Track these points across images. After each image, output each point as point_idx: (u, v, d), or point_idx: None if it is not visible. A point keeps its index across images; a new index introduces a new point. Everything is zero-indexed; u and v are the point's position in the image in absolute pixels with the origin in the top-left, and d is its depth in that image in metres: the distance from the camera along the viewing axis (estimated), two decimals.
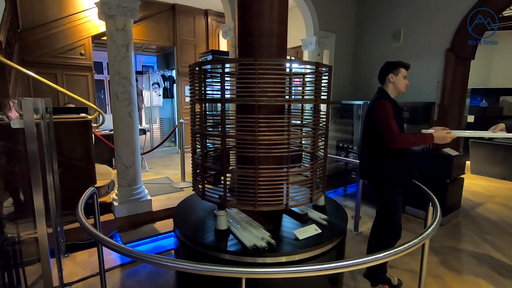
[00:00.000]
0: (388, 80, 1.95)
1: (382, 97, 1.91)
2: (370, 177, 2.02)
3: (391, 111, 1.84)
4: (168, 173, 4.82)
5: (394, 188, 1.94)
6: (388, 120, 1.80)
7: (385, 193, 1.96)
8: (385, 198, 1.96)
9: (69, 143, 2.71)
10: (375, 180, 1.99)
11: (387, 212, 1.97)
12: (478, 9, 3.35)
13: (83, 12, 4.73)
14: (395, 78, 1.93)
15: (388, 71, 1.95)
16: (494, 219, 3.35)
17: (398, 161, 1.90)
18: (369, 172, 2.01)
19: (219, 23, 6.37)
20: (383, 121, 1.82)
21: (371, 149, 1.98)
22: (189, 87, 1.75)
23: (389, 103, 1.86)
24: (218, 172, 1.82)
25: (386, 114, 1.81)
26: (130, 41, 2.69)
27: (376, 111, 1.87)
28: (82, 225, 1.27)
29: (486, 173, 5.16)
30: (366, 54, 4.62)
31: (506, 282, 2.17)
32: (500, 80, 6.68)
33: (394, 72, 1.92)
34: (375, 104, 1.89)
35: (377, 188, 1.99)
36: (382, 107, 1.84)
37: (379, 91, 2.00)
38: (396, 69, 1.92)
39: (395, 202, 1.94)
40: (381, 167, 1.93)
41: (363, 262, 1.10)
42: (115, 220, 2.77)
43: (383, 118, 1.82)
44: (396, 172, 1.91)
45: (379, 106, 1.85)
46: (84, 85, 5.00)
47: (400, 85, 1.94)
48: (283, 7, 1.73)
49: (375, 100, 1.92)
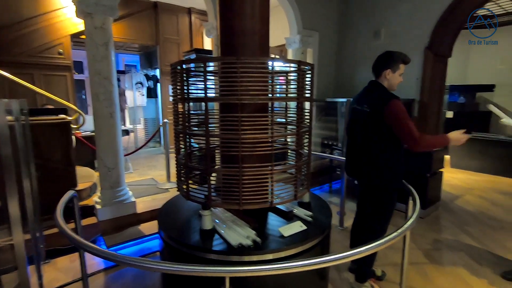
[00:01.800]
0: (383, 76, 1.80)
1: (393, 97, 1.73)
2: (368, 180, 1.89)
3: (407, 112, 1.69)
4: (153, 174, 4.74)
5: (392, 192, 1.86)
6: (408, 122, 1.65)
7: (382, 196, 1.86)
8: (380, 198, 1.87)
9: (47, 146, 2.61)
10: (373, 183, 1.87)
11: (379, 212, 1.90)
12: (453, 9, 3.46)
13: (61, 10, 4.57)
14: (392, 75, 1.79)
15: (386, 65, 1.78)
16: (472, 210, 3.49)
17: (398, 165, 1.81)
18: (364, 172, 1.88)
19: (202, 22, 6.31)
20: (402, 123, 1.66)
21: (373, 151, 1.81)
22: (171, 86, 1.72)
23: (401, 103, 1.70)
24: (202, 172, 1.81)
25: (405, 116, 1.66)
26: (110, 39, 2.62)
27: (392, 113, 1.68)
28: (61, 229, 1.23)
29: (465, 166, 5.36)
30: (349, 52, 4.70)
31: (483, 270, 2.26)
32: (476, 77, 6.95)
33: (392, 69, 1.77)
34: (390, 106, 1.68)
35: (373, 191, 1.89)
36: (398, 108, 1.67)
37: (378, 88, 1.82)
38: (396, 65, 1.77)
39: (391, 203, 1.89)
40: (382, 171, 1.81)
41: (346, 256, 1.12)
42: (98, 224, 2.70)
43: (402, 120, 1.65)
44: (395, 175, 1.83)
45: (394, 107, 1.67)
46: (64, 86, 4.84)
47: (394, 83, 1.81)
48: (264, 6, 1.73)
49: (386, 101, 1.70)
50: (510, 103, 6.52)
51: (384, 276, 2.14)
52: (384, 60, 1.80)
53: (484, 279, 2.15)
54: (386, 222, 1.94)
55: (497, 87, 6.53)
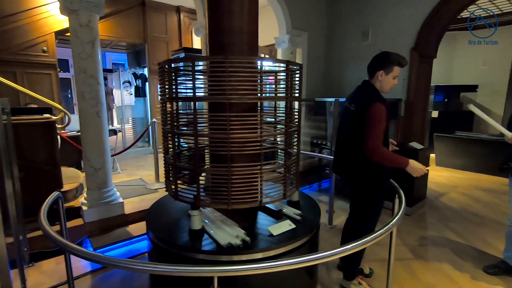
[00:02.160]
0: (376, 77, 1.76)
1: (379, 100, 1.68)
2: (355, 182, 1.88)
3: (385, 119, 1.67)
4: (141, 174, 4.67)
5: (378, 193, 1.86)
6: (377, 127, 1.64)
7: (368, 197, 1.86)
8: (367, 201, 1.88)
9: (31, 146, 2.54)
10: (358, 183, 1.87)
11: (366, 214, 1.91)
12: (437, 12, 3.55)
13: (45, 6, 4.44)
14: (385, 77, 1.74)
15: (380, 66, 1.73)
16: (456, 207, 3.59)
17: (382, 166, 1.77)
18: (354, 176, 1.87)
19: (191, 20, 6.25)
20: (371, 126, 1.65)
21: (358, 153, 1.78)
22: (159, 85, 1.71)
23: (384, 108, 1.66)
24: (191, 172, 1.80)
25: (378, 120, 1.64)
26: (96, 37, 2.57)
27: (369, 115, 1.66)
28: (45, 232, 1.20)
29: (449, 164, 5.51)
30: (338, 52, 4.75)
31: (467, 265, 2.34)
32: (460, 78, 7.14)
33: (385, 71, 1.73)
34: (371, 107, 1.66)
35: (359, 191, 1.89)
36: (376, 112, 1.65)
37: (368, 89, 1.80)
38: (390, 67, 1.72)
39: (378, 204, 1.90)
40: (365, 172, 1.80)
41: (333, 253, 1.14)
42: (84, 225, 2.65)
43: (373, 123, 1.65)
44: (379, 177, 1.81)
45: (374, 109, 1.65)
46: (48, 84, 4.70)
47: (387, 85, 1.77)
48: (253, 5, 1.73)
49: (370, 102, 1.68)
50: (492, 103, 6.74)
51: (372, 273, 2.18)
52: (379, 60, 1.75)
53: (467, 274, 2.22)
54: (374, 222, 1.94)
55: (480, 88, 6.74)
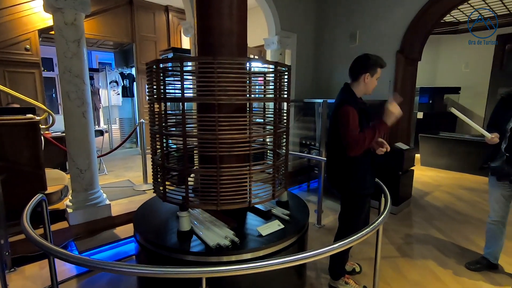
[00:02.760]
0: (361, 79, 1.76)
1: (347, 102, 1.71)
2: (338, 187, 1.90)
3: (354, 115, 1.68)
4: (129, 175, 4.60)
5: (363, 198, 1.86)
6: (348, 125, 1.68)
7: (351, 199, 1.88)
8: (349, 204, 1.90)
9: (13, 147, 2.46)
10: (343, 190, 1.89)
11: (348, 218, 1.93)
12: (421, 16, 3.65)
13: (28, 3, 4.32)
14: (370, 79, 1.76)
15: (365, 69, 1.74)
16: (440, 206, 3.70)
17: (363, 171, 1.81)
18: (336, 182, 1.90)
19: (180, 20, 6.20)
20: (344, 127, 1.69)
21: (337, 157, 1.85)
22: (147, 85, 1.69)
23: (354, 110, 1.69)
24: (180, 173, 1.78)
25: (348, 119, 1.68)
26: (82, 36, 2.52)
27: (340, 118, 1.71)
28: (28, 235, 1.17)
29: (434, 164, 5.66)
30: (326, 54, 4.81)
31: (451, 262, 2.41)
32: (444, 80, 7.36)
33: (371, 73, 1.75)
34: (340, 111, 1.71)
35: (345, 197, 1.91)
36: (344, 114, 1.69)
37: (344, 92, 1.82)
38: (374, 69, 1.74)
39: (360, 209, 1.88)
40: (347, 177, 1.82)
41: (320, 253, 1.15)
42: (69, 228, 2.59)
43: (343, 123, 1.69)
44: (363, 181, 1.82)
45: (341, 113, 1.70)
46: (31, 83, 4.57)
47: (370, 87, 1.80)
48: (242, 6, 1.74)
49: (340, 105, 1.73)
50: (473, 104, 6.97)
51: (361, 270, 2.25)
52: (362, 63, 1.75)
53: (450, 270, 2.29)
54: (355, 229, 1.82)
55: (462, 90, 6.96)
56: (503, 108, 2.11)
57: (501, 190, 2.13)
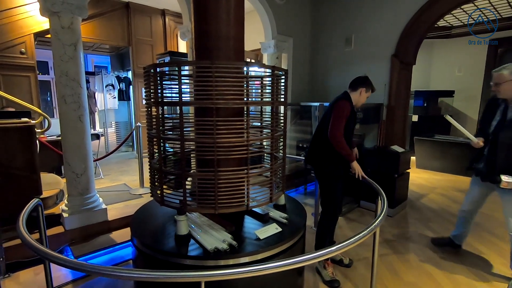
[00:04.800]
0: (359, 91, 2.20)
1: (346, 99, 2.17)
2: (315, 165, 2.29)
3: (347, 113, 2.11)
4: (125, 179, 4.57)
5: (334, 178, 2.21)
6: (339, 120, 2.09)
7: (326, 180, 2.25)
8: (326, 185, 2.26)
9: (9, 151, 2.44)
10: (319, 169, 2.27)
11: (327, 197, 2.27)
12: (414, 21, 3.71)
13: (23, 6, 4.30)
14: (364, 94, 2.22)
15: (363, 84, 2.21)
16: (436, 208, 3.73)
17: (339, 157, 2.15)
18: (315, 161, 2.29)
19: (177, 24, 6.22)
20: (336, 118, 2.09)
21: (323, 142, 2.20)
22: (145, 89, 1.69)
23: (350, 106, 2.13)
24: (177, 176, 1.78)
25: (342, 114, 2.10)
26: (79, 40, 2.51)
27: (336, 107, 2.12)
28: (24, 240, 1.16)
29: (429, 167, 5.71)
30: (322, 58, 4.85)
31: (445, 263, 2.43)
32: (438, 83, 7.45)
33: (366, 89, 2.21)
34: (339, 101, 2.14)
35: (319, 175, 2.29)
36: (341, 107, 2.11)
37: (345, 95, 2.23)
38: (368, 87, 2.22)
39: (334, 188, 2.22)
40: (326, 159, 2.20)
41: (318, 255, 1.16)
42: (65, 233, 2.56)
43: (337, 115, 2.10)
44: (336, 165, 2.19)
45: (340, 104, 2.12)
46: (27, 87, 4.54)
47: (361, 100, 2.24)
48: (239, 10, 1.75)
49: (340, 98, 2.18)
50: (467, 108, 7.06)
51: (351, 264, 2.39)
52: (362, 80, 2.23)
53: (446, 271, 2.31)
54: (333, 207, 2.25)
55: (456, 93, 7.05)
56: (487, 113, 2.28)
57: (480, 189, 2.35)
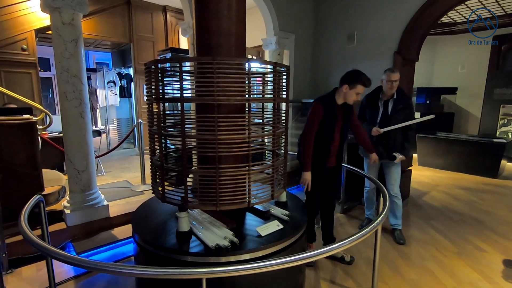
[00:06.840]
0: (342, 89, 2.07)
1: (319, 100, 2.11)
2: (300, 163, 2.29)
3: (319, 116, 2.06)
4: (127, 176, 4.58)
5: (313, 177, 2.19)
6: (309, 122, 2.09)
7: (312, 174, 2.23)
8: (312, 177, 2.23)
9: (11, 148, 2.45)
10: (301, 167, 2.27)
11: (306, 194, 2.30)
12: (417, 18, 3.67)
13: (24, 2, 4.29)
14: (348, 91, 2.06)
15: (346, 81, 2.05)
16: (438, 205, 3.72)
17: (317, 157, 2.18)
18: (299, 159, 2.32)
19: (178, 20, 6.19)
20: (306, 121, 2.11)
21: None
22: (146, 86, 1.68)
23: (321, 108, 2.06)
24: (179, 173, 1.78)
25: (311, 117, 2.08)
26: (80, 36, 2.50)
27: (309, 111, 2.12)
28: (26, 236, 1.16)
29: (431, 164, 5.69)
30: (324, 55, 4.82)
31: (447, 261, 2.42)
32: (441, 80, 7.40)
33: (349, 86, 2.04)
34: (312, 105, 2.11)
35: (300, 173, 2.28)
36: (311, 111, 2.09)
37: (328, 93, 2.17)
38: (353, 84, 2.03)
39: (313, 187, 2.21)
40: None
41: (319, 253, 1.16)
42: (67, 229, 2.57)
43: (308, 118, 2.10)
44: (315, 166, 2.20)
45: (311, 108, 2.10)
46: (28, 84, 4.54)
47: (349, 98, 2.09)
48: (241, 7, 1.74)
49: (314, 101, 2.14)
50: (470, 105, 7.02)
51: (353, 261, 2.38)
52: (347, 76, 2.07)
53: (448, 269, 2.30)
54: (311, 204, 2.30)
55: (459, 90, 7.01)
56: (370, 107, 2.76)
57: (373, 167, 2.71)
